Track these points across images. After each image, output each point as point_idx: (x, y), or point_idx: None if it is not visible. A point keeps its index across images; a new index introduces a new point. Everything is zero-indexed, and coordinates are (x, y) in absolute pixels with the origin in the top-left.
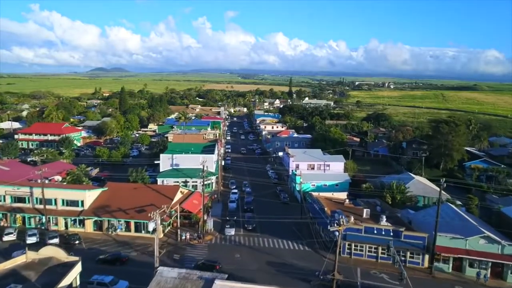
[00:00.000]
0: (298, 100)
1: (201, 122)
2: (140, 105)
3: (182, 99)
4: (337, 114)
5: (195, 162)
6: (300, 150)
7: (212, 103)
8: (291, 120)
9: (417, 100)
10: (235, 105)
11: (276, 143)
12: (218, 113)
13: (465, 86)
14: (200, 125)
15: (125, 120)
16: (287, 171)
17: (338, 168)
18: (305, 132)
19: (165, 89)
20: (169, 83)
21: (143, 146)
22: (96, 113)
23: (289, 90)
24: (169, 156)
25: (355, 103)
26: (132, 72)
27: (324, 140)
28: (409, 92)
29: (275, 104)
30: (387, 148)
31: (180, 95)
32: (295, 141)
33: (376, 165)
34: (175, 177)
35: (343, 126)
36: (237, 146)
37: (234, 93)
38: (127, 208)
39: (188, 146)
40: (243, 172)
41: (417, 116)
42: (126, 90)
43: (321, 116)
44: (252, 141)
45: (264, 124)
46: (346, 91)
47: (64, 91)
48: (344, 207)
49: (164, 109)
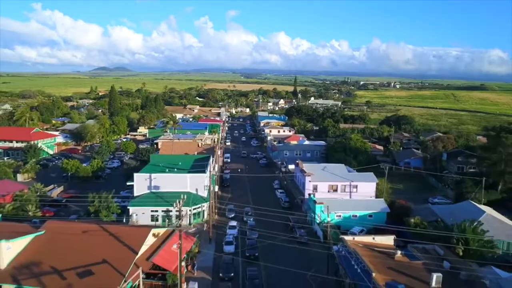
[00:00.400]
0: (303, 100)
1: (198, 125)
2: (134, 105)
3: (181, 98)
4: (351, 117)
5: (181, 183)
6: (318, 166)
7: (212, 104)
8: (299, 123)
9: (428, 100)
10: (236, 106)
11: (284, 152)
12: (218, 114)
13: (472, 86)
14: (196, 129)
15: (111, 123)
16: (302, 194)
17: (368, 191)
18: (316, 137)
19: (164, 88)
20: (170, 82)
21: (126, 154)
22: (83, 114)
23: (294, 90)
24: (146, 175)
25: (364, 104)
26: (134, 71)
27: (343, 150)
28: (417, 92)
29: (279, 104)
30: (421, 160)
31: (179, 94)
32: (307, 150)
33: (409, 182)
34: (153, 205)
35: (360, 131)
36: (238, 155)
37: (236, 93)
38: (67, 268)
39: (175, 159)
40: (244, 188)
41: (438, 118)
42: (124, 89)
43: (334, 119)
44: (256, 148)
45: (269, 127)
46: (352, 90)
47: (59, 90)
48: (395, 264)
49: (159, 110)
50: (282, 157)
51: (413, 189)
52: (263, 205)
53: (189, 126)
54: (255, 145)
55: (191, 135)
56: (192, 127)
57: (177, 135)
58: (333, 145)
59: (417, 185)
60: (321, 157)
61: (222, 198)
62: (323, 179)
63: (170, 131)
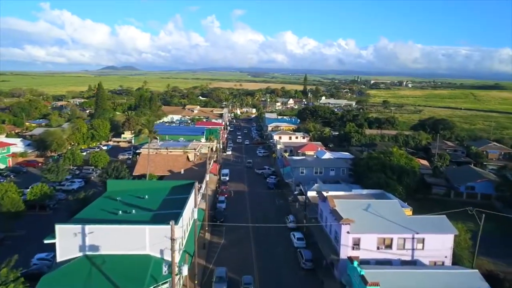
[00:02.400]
0: (314, 100)
1: (194, 130)
2: (127, 106)
3: (183, 98)
4: (377, 120)
5: (135, 241)
6: (358, 204)
7: (214, 103)
8: (315, 128)
9: (446, 100)
10: (242, 106)
11: (300, 170)
12: (220, 115)
13: (487, 85)
14: (191, 134)
15: (89, 127)
16: (333, 250)
17: (440, 247)
18: (336, 146)
19: (166, 87)
20: (176, 81)
21: (96, 170)
22: (66, 115)
23: (303, 89)
24: (77, 228)
25: (381, 103)
26: (142, 70)
27: (382, 169)
28: (433, 91)
29: (288, 104)
30: (492, 185)
31: (181, 93)
32: (329, 166)
33: (486, 222)
34: (82, 284)
35: (391, 139)
36: (240, 169)
37: (242, 92)
38: None
39: (142, 187)
40: (246, 228)
41: (470, 121)
42: (124, 88)
43: (356, 123)
44: (262, 159)
45: (279, 133)
46: (363, 89)
47: (56, 89)
48: None
49: (154, 110)
50: (297, 177)
51: (495, 235)
52: (273, 263)
53: (182, 131)
54: (261, 155)
55: (184, 142)
56: (186, 131)
57: (166, 143)
58: (366, 162)
59: (498, 227)
60: (348, 175)
61: (211, 247)
62: (370, 228)
63: (159, 139)
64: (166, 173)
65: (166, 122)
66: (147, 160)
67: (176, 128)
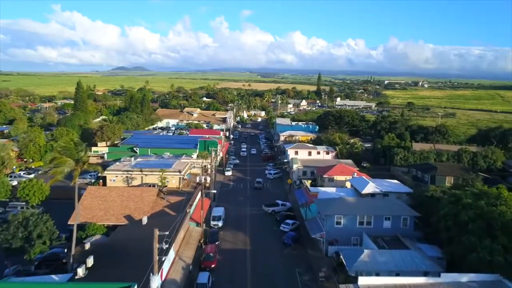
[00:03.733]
0: (329, 101)
1: (185, 141)
2: (115, 109)
3: (186, 99)
4: (421, 129)
5: None
6: None
7: (218, 106)
8: (341, 140)
9: (472, 101)
10: (249, 108)
11: (334, 218)
12: (223, 120)
13: (507, 85)
14: (181, 147)
15: (50, 138)
16: None
17: None
18: (371, 163)
19: (170, 87)
20: (184, 82)
21: (27, 206)
22: (38, 120)
23: (317, 89)
24: None
25: (406, 106)
26: (152, 71)
27: (487, 229)
28: (454, 92)
29: (301, 105)
30: None
31: (185, 94)
32: (383, 214)
33: None
34: None
35: (452, 157)
36: (241, 201)
37: (250, 92)
38: None
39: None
40: None
41: None
42: (124, 88)
43: (396, 132)
44: (274, 182)
45: (295, 147)
46: (378, 90)
47: (54, 89)
48: None
49: (146, 114)
50: (329, 229)
51: None
52: None
53: (170, 142)
54: (272, 176)
55: (168, 159)
56: (174, 143)
57: (143, 162)
58: (454, 215)
59: None
60: (411, 224)
61: None
62: None
63: (139, 151)
64: (122, 221)
65: (159, 128)
66: (108, 191)
67: (162, 138)
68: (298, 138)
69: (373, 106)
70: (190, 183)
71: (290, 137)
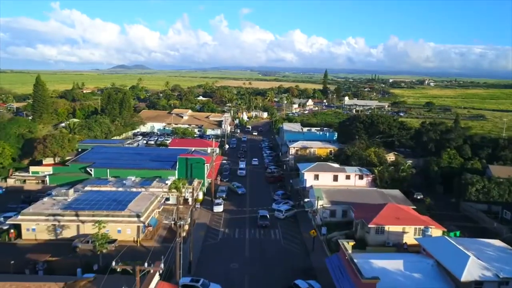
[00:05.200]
0: (336, 100)
1: (161, 157)
2: (90, 110)
3: (179, 98)
4: (488, 141)
5: None
6: None
7: (213, 106)
8: (378, 156)
9: (489, 101)
10: (250, 108)
11: None
12: (218, 124)
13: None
14: (153, 168)
15: None
16: None
17: None
18: (423, 194)
19: (165, 85)
20: (184, 80)
21: None
22: None
23: (323, 87)
24: None
25: (424, 106)
26: (152, 69)
27: None
28: (467, 91)
29: (307, 105)
30: None
31: (179, 93)
32: None
33: None
34: None
35: None
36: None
37: (250, 91)
38: None
39: None
40: None
41: None
42: (114, 86)
43: (451, 145)
44: (285, 225)
45: (314, 169)
46: (385, 89)
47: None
48: None
49: (126, 117)
50: None
51: None
52: None
53: (139, 159)
54: (282, 216)
55: (131, 186)
56: (145, 162)
57: (87, 195)
58: None
59: None
60: None
61: None
62: None
63: (93, 174)
64: None
65: (141, 134)
66: None
67: (131, 153)
68: (314, 151)
69: (386, 106)
70: (156, 232)
71: (303, 150)
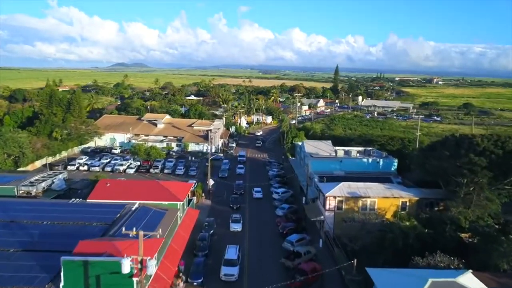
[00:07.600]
0: (348, 100)
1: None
2: (26, 116)
3: (166, 98)
4: None
5: None
6: None
7: (202, 108)
8: None
9: None
10: (250, 112)
11: None
12: (206, 136)
13: None
14: None
15: None
16: None
17: None
18: None
19: (154, 83)
20: (181, 78)
21: None
22: None
23: (333, 85)
24: None
25: (460, 108)
26: (151, 67)
27: None
28: (485, 90)
29: (318, 106)
30: None
31: (167, 92)
32: None
33: None
34: None
35: None
36: None
37: (251, 90)
38: None
39: None
40: None
41: None
42: (97, 83)
43: None
44: None
45: None
46: (397, 87)
47: (18, 84)
48: None
49: (73, 126)
50: None
51: None
52: None
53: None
54: None
55: None
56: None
57: None
58: None
59: None
60: None
61: None
62: None
63: None
64: None
65: (92, 151)
66: None
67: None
68: (373, 203)
69: (411, 107)
70: None
71: (354, 201)
